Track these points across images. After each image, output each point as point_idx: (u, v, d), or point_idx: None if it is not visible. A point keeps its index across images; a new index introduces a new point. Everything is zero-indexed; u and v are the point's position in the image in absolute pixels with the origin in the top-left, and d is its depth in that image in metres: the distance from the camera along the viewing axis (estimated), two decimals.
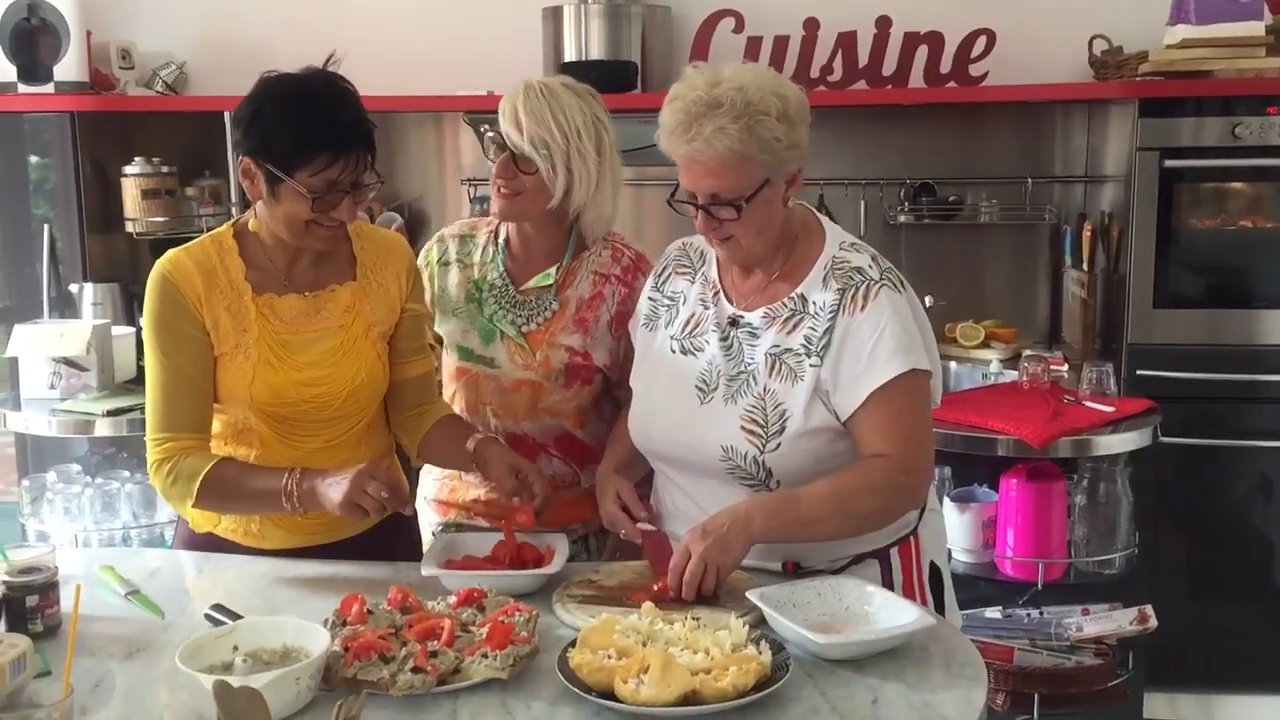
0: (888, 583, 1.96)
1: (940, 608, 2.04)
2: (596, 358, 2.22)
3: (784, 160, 1.88)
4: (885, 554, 1.98)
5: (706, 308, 2.02)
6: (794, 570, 1.92)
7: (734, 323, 1.98)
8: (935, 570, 2.06)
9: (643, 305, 2.13)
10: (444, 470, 2.31)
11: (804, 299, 1.93)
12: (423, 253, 2.33)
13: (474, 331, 2.25)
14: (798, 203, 2.00)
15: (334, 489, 1.88)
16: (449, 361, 2.28)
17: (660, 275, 2.13)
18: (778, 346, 1.93)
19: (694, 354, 2.00)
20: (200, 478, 1.95)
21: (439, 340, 2.30)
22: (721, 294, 2.02)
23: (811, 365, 1.89)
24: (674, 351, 2.03)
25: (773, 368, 1.92)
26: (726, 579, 1.79)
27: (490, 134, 2.18)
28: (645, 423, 2.04)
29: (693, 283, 2.06)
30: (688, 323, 2.03)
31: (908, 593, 1.97)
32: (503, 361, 2.23)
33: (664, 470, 2.06)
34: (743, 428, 1.91)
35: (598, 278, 2.25)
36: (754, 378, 1.93)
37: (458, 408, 2.26)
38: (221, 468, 1.97)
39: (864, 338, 1.87)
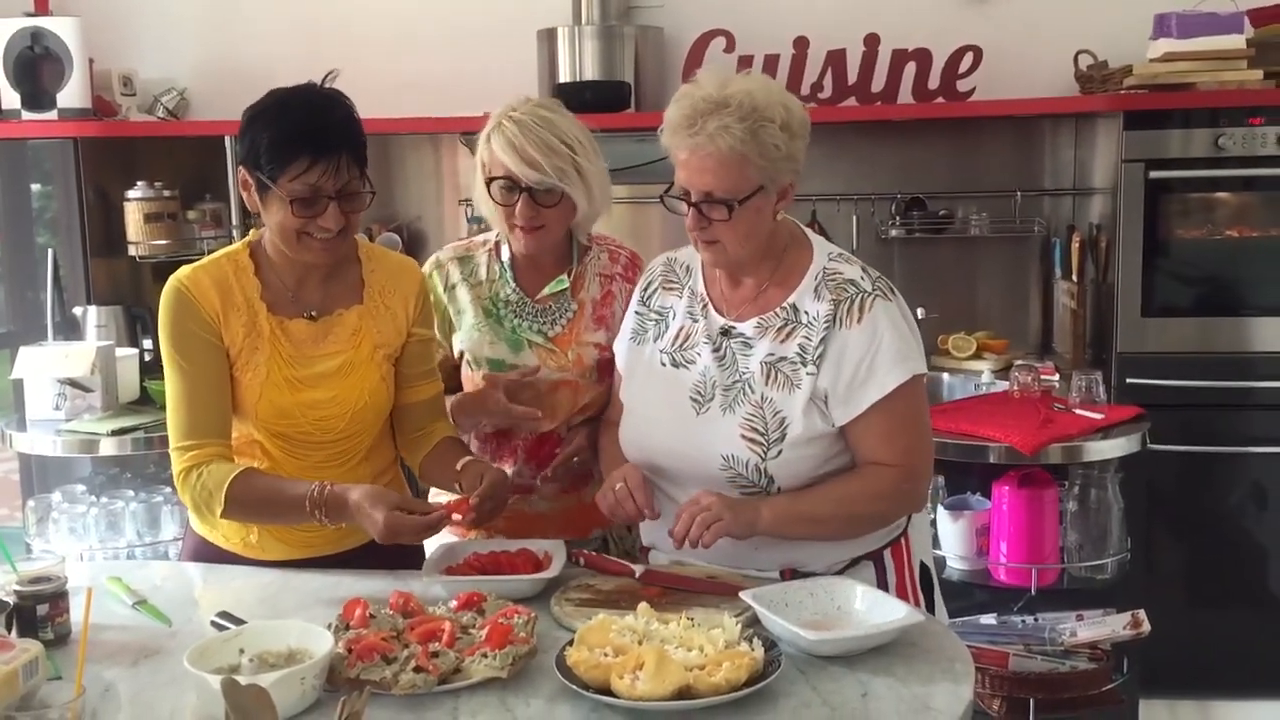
0: (882, 583, 2.01)
1: (930, 606, 2.09)
2: None
3: (779, 170, 1.92)
4: (879, 555, 2.03)
5: (695, 320, 2.06)
6: (792, 576, 1.95)
7: (726, 333, 2.02)
8: (925, 570, 2.11)
9: (629, 320, 2.16)
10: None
11: (796, 309, 1.97)
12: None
13: (500, 343, 2.28)
14: (785, 217, 2.04)
15: (370, 527, 1.89)
16: (479, 376, 2.28)
17: (646, 290, 2.15)
18: (772, 355, 1.96)
19: (686, 366, 2.03)
20: (226, 487, 1.95)
21: (461, 358, 2.31)
22: (710, 306, 2.06)
23: (808, 374, 1.93)
24: (664, 365, 2.06)
25: (769, 376, 1.96)
26: (718, 537, 1.84)
27: (498, 180, 2.18)
28: (641, 436, 2.07)
29: (680, 297, 2.10)
30: (677, 336, 2.07)
31: (900, 592, 2.02)
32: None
33: (657, 482, 2.08)
34: (743, 436, 1.94)
35: (603, 279, 2.31)
36: (750, 386, 1.96)
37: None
38: (247, 478, 1.98)
39: (862, 350, 1.92)
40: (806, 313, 1.96)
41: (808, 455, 1.93)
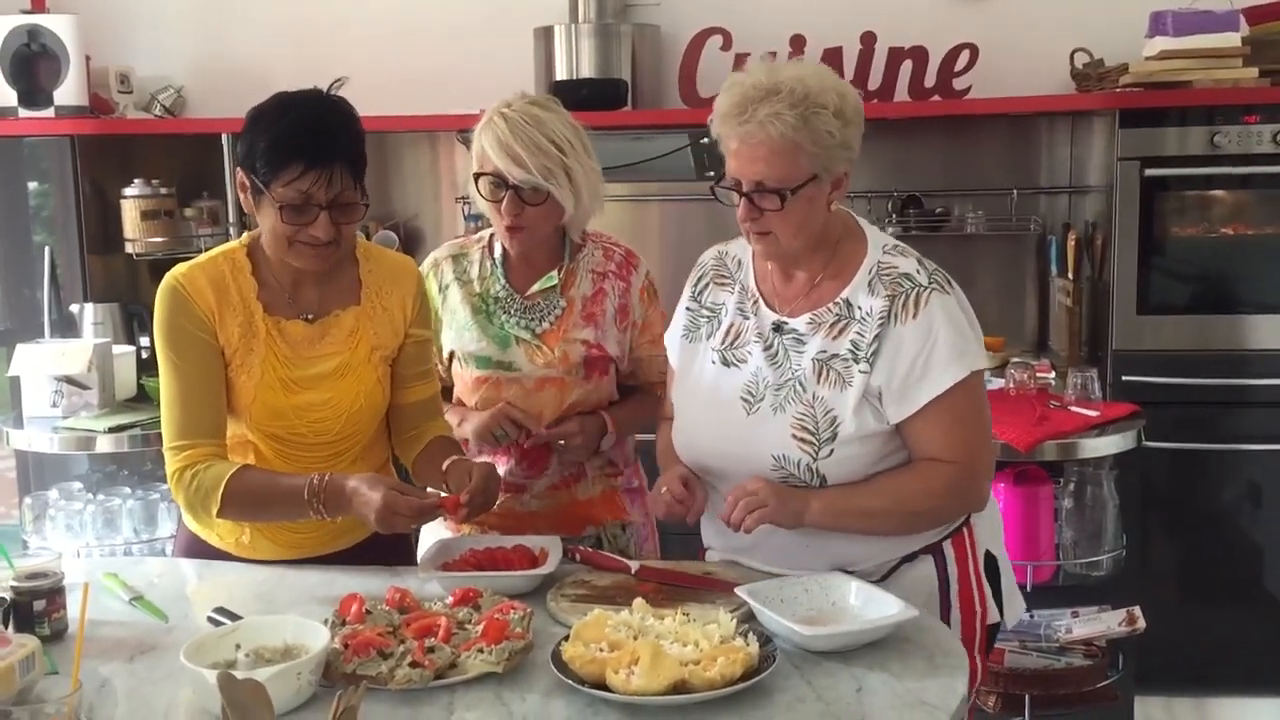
0: (943, 576, 1.97)
1: (997, 595, 2.05)
2: (609, 348, 2.28)
3: (834, 158, 1.87)
4: (939, 548, 1.98)
5: (746, 317, 2.01)
6: None
7: (777, 329, 1.97)
8: (990, 559, 2.05)
9: (680, 316, 2.11)
10: None
11: (849, 304, 1.93)
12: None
13: (488, 340, 2.28)
14: (839, 207, 1.99)
15: (367, 509, 1.88)
16: (467, 373, 2.30)
17: (698, 285, 2.10)
18: (824, 352, 1.92)
19: (737, 366, 1.99)
20: (223, 486, 1.94)
21: (451, 357, 2.32)
22: (761, 302, 2.01)
23: (860, 371, 1.89)
24: (715, 363, 2.01)
25: (820, 374, 1.91)
26: (760, 523, 1.84)
27: (486, 176, 2.18)
28: (690, 437, 2.03)
29: (732, 293, 2.05)
30: (728, 333, 2.02)
31: (963, 583, 1.98)
32: (522, 364, 2.27)
33: (710, 481, 2.03)
34: (794, 435, 1.90)
35: (596, 275, 2.31)
36: (801, 384, 1.92)
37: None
38: (244, 475, 1.96)
39: (918, 346, 1.87)
40: (860, 308, 1.91)
41: (860, 454, 1.90)
